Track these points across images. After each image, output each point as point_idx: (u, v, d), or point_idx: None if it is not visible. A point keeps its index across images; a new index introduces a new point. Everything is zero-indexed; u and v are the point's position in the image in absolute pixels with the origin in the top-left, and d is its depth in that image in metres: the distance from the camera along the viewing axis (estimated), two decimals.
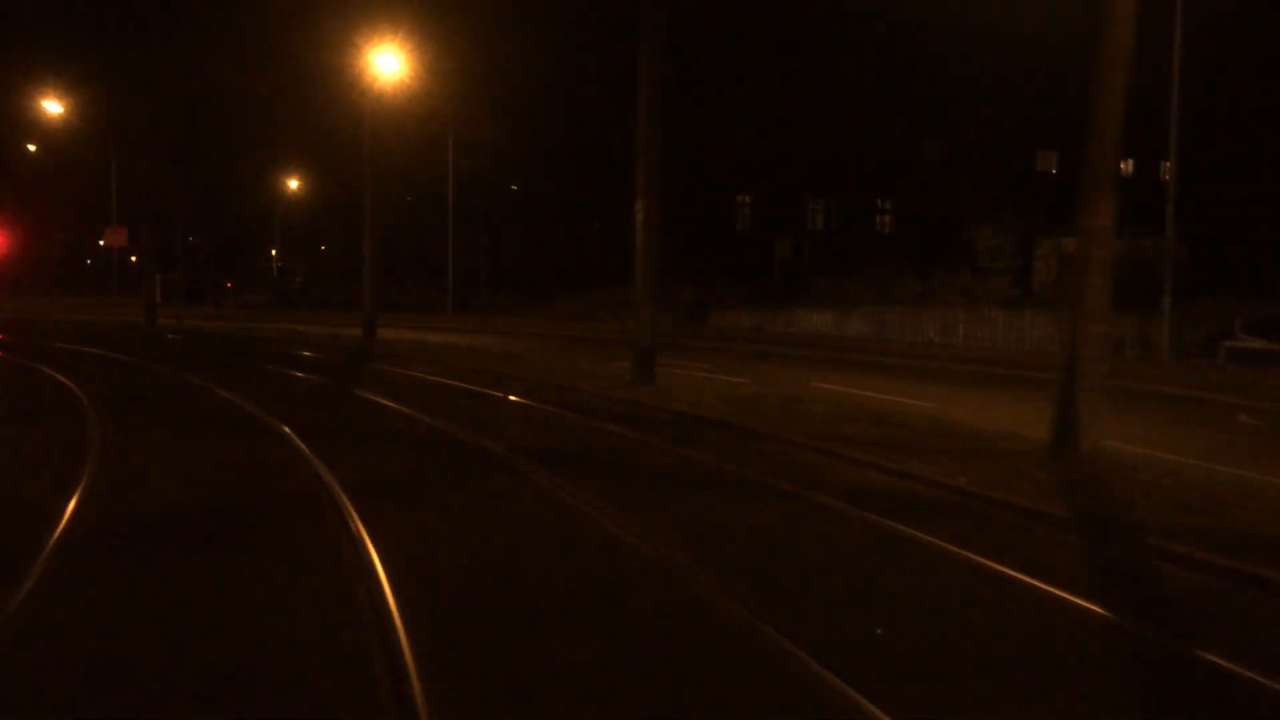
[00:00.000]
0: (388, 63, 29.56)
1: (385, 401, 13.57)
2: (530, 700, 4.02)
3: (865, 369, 20.37)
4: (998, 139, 48.33)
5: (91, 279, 76.03)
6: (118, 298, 58.09)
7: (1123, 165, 61.74)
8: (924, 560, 6.24)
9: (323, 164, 65.71)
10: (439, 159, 47.19)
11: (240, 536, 6.65)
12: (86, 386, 14.83)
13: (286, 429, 10.81)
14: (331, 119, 49.16)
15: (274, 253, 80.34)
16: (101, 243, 74.13)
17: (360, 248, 29.61)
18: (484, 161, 47.79)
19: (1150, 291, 22.97)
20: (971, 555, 6.18)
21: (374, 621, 4.80)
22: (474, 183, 49.70)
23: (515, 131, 48.05)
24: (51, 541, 6.13)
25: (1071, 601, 5.32)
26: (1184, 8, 21.14)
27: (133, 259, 75.28)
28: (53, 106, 44.97)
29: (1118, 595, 5.59)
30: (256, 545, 6.45)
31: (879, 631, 4.86)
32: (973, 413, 12.67)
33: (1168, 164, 23.29)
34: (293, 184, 72.30)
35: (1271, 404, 15.01)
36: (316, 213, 74.44)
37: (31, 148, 59.68)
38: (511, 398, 14.15)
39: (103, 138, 47.94)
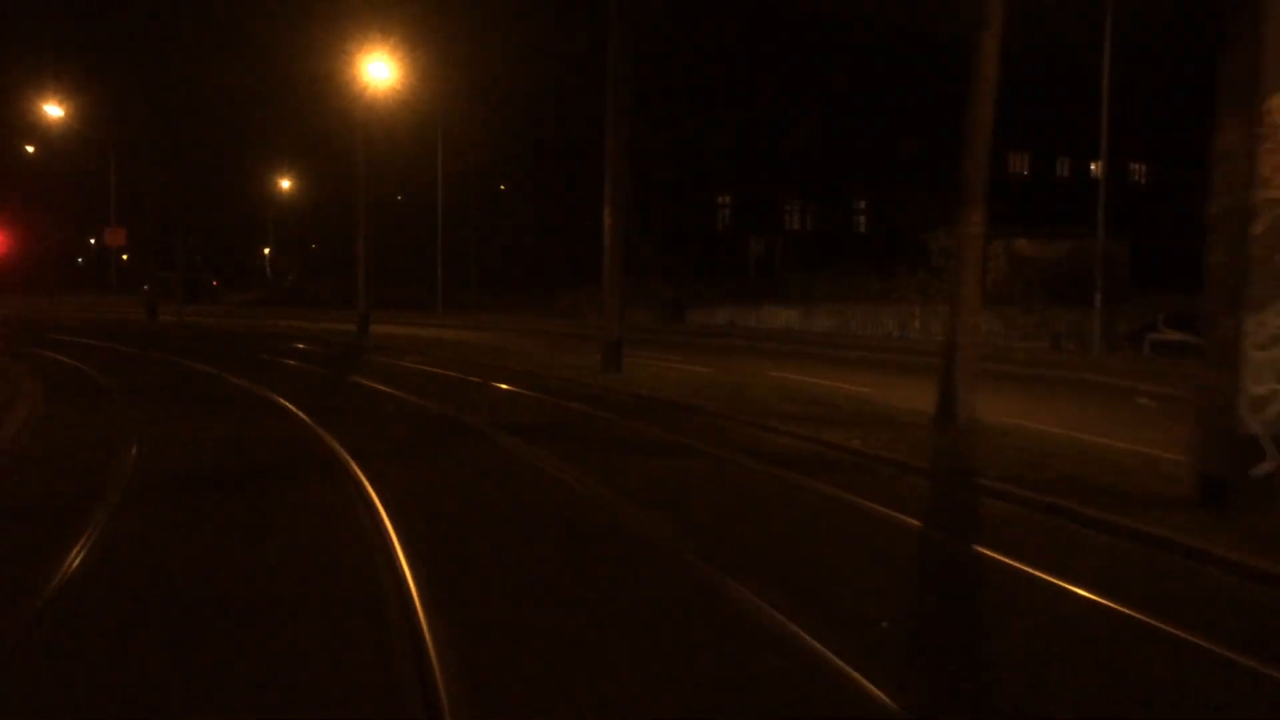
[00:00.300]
0: (379, 70, 31.15)
1: (380, 386, 15.25)
2: (494, 583, 5.71)
3: (821, 360, 22.09)
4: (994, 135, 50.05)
5: (85, 278, 77.36)
6: (116, 296, 59.50)
7: (1059, 166, 62.67)
8: (809, 499, 7.95)
9: (315, 164, 67.21)
10: (429, 161, 48.77)
11: (266, 482, 8.34)
12: (108, 376, 16.47)
13: (294, 408, 12.49)
14: (324, 121, 50.71)
15: (267, 251, 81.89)
16: (93, 241, 75.29)
17: (351, 246, 31.20)
18: (473, 164, 49.31)
19: (1091, 288, 24.75)
20: (846, 494, 7.90)
21: (374, 531, 6.49)
22: (463, 184, 51.25)
23: (503, 134, 49.65)
24: (120, 489, 7.81)
25: (900, 519, 7.05)
26: (1114, 14, 22.87)
27: (124, 257, 76.73)
28: (54, 110, 46.44)
29: (936, 516, 7.32)
30: (279, 487, 8.14)
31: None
32: (899, 395, 14.38)
33: (1116, 165, 25.06)
34: (285, 184, 73.82)
35: (1174, 389, 16.78)
36: (308, 212, 75.98)
37: (30, 149, 61.04)
38: (493, 384, 15.83)
39: (103, 140, 49.31)
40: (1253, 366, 7.04)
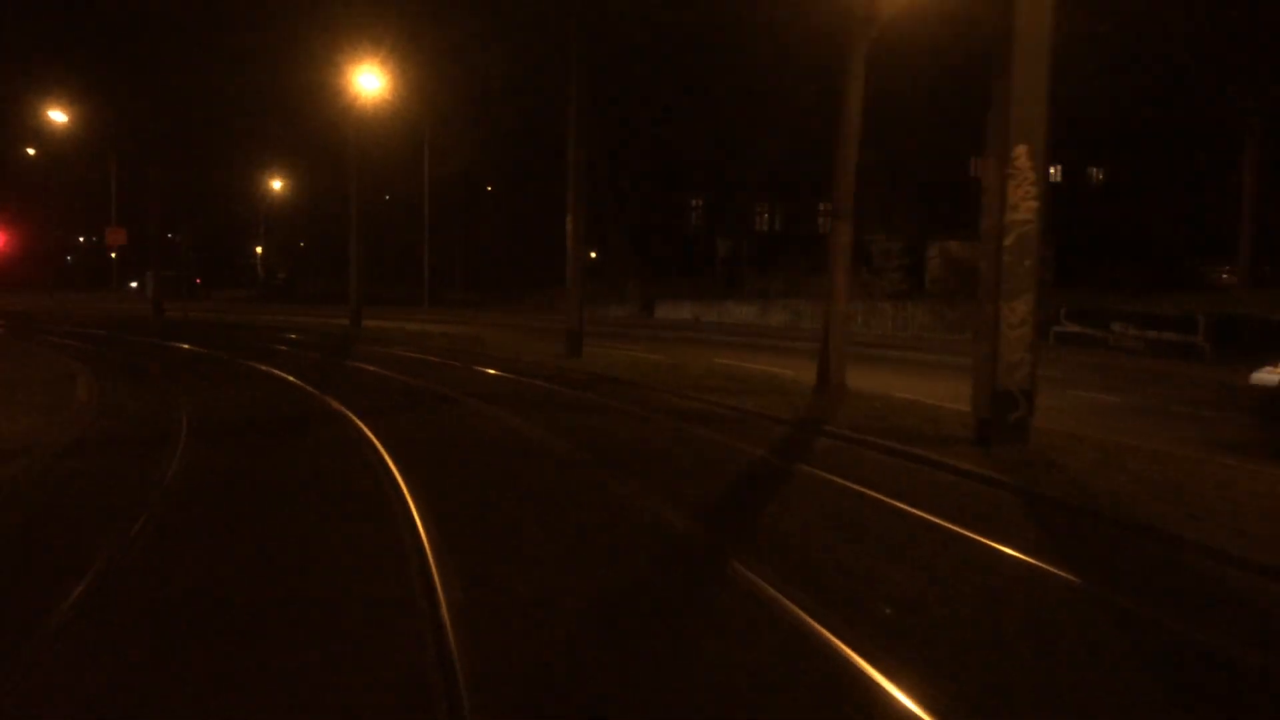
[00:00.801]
0: (369, 81, 33.74)
1: (371, 368, 17.90)
2: (456, 480, 8.37)
3: (763, 349, 24.81)
4: (930, 147, 53.00)
5: (75, 275, 79.57)
6: (116, 293, 61.84)
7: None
8: (699, 443, 10.63)
9: (306, 166, 69.61)
10: (415, 166, 51.31)
11: (289, 429, 10.99)
12: (138, 360, 19.05)
13: (302, 383, 15.13)
14: (316, 125, 53.09)
15: (259, 250, 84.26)
16: (81, 239, 77.41)
17: (341, 246, 33.72)
18: (456, 171, 51.83)
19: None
20: (719, 437, 10.60)
21: (374, 454, 9.15)
22: (447, 190, 53.80)
23: (483, 146, 52.19)
24: (183, 433, 10.45)
25: (751, 450, 9.77)
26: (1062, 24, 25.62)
27: (112, 255, 78.99)
28: (57, 116, 48.82)
29: (778, 448, 10.04)
30: (301, 431, 10.79)
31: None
32: (811, 375, 17.10)
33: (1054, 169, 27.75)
34: (276, 185, 76.16)
35: (1057, 371, 19.57)
36: (300, 212, 78.40)
37: (31, 151, 63.25)
38: (470, 366, 18.50)
39: (104, 144, 51.65)
40: (1007, 342, 9.80)
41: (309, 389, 14.54)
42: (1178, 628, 5.06)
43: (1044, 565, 6.06)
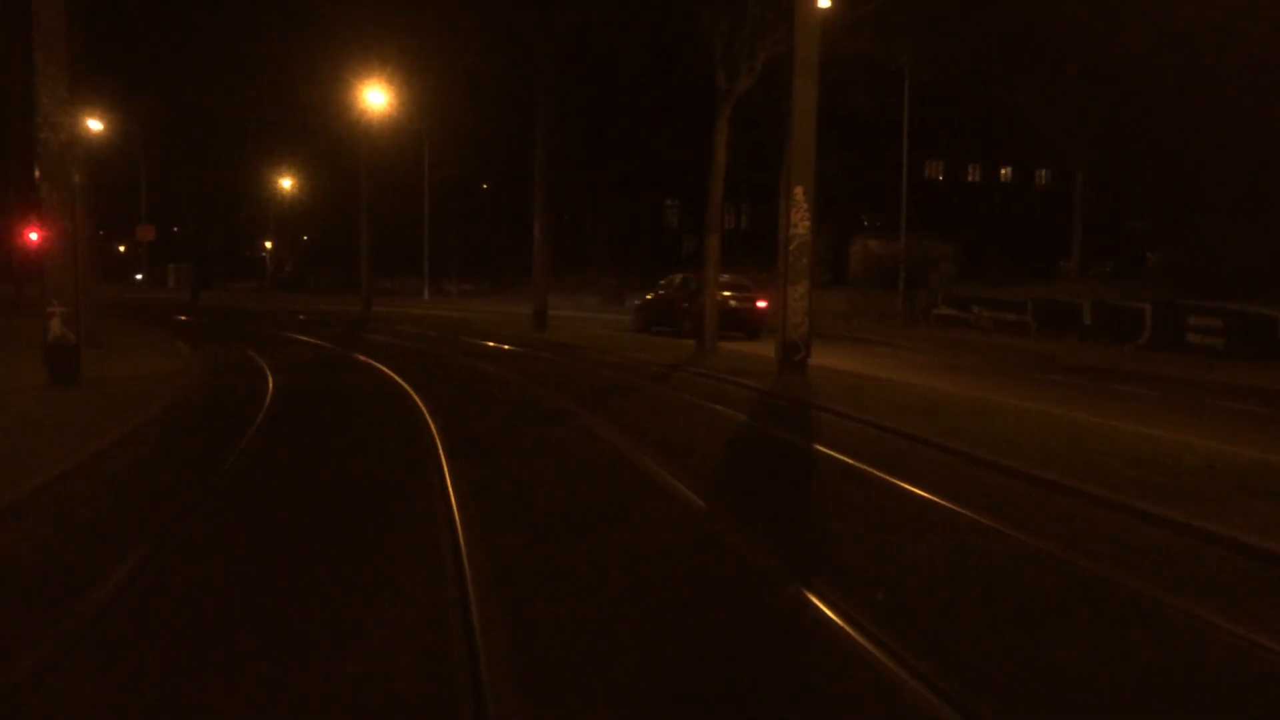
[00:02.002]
0: (376, 96, 39.41)
1: (383, 338, 23.58)
2: (453, 399, 14.03)
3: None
4: (886, 152, 58.61)
5: (102, 268, 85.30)
6: (132, 285, 67.44)
7: (927, 169, 68.01)
8: (600, 376, 16.27)
9: (314, 168, 75.13)
10: (417, 166, 56.89)
11: (335, 370, 16.66)
12: (206, 330, 24.68)
13: (333, 345, 20.81)
14: (325, 131, 58.58)
15: (269, 245, 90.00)
16: (102, 233, 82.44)
17: (345, 240, 39.25)
18: (453, 173, 57.39)
19: (921, 276, 33.21)
20: (618, 374, 16.26)
21: (394, 380, 14.84)
22: (447, 187, 59.39)
23: (483, 145, 57.70)
24: (268, 371, 16.14)
25: (633, 379, 15.46)
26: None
27: (120, 249, 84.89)
28: (94, 125, 54.41)
29: (652, 379, 15.71)
30: (343, 369, 16.47)
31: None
32: (734, 350, 22.67)
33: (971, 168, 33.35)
34: (286, 184, 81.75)
35: (917, 344, 25.25)
36: (306, 210, 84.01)
37: None
38: (460, 338, 24.20)
39: (136, 150, 57.19)
40: (792, 311, 15.47)
41: (341, 349, 20.24)
42: (824, 452, 10.74)
43: (757, 424, 11.73)
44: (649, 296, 27.42)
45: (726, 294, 23.80)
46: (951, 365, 19.93)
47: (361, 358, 18.49)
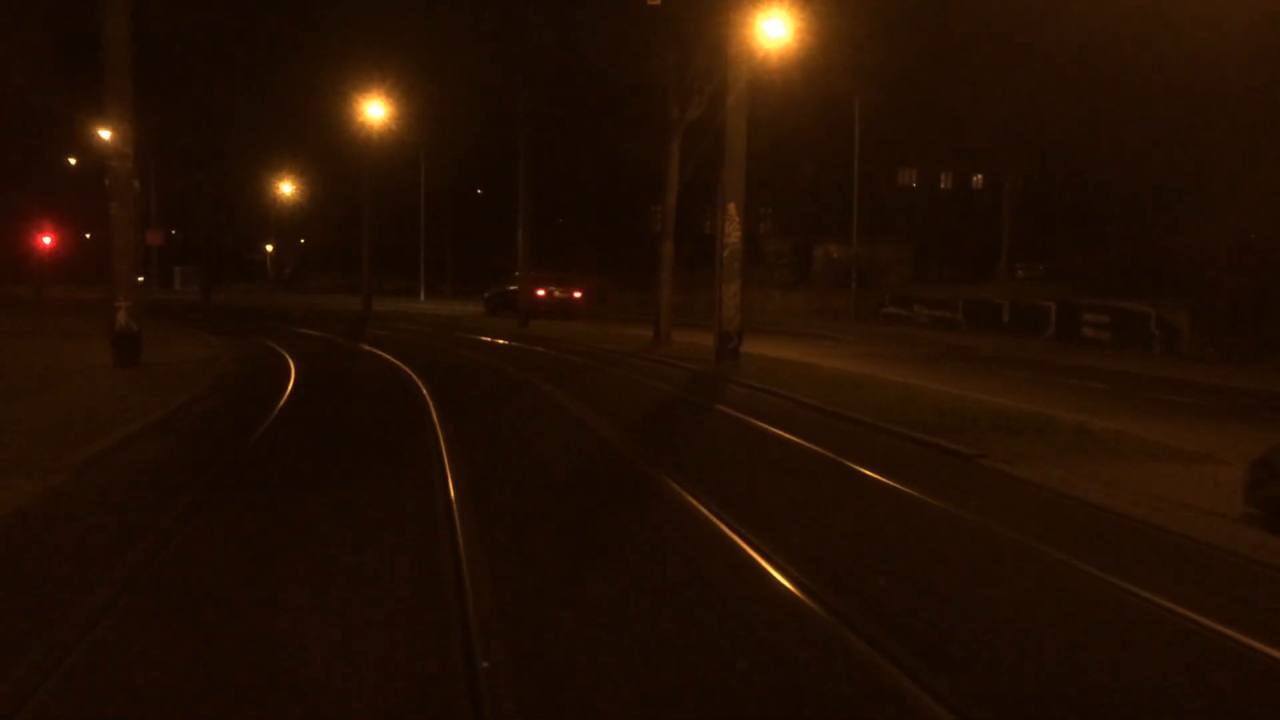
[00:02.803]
0: (375, 109, 42.53)
1: (385, 333, 26.73)
2: (440, 374, 17.19)
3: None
4: (885, 154, 61.83)
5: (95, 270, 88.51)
6: (149, 286, 70.42)
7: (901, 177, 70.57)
8: (568, 361, 19.43)
9: (313, 175, 78.19)
10: (415, 174, 60.01)
11: (345, 356, 19.80)
12: (226, 324, 27.83)
13: (343, 339, 23.97)
14: (324, 140, 61.62)
15: (269, 248, 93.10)
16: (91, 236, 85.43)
17: (343, 244, 42.30)
18: (447, 181, 60.46)
19: (875, 278, 36.42)
20: (584, 359, 19.43)
21: (396, 368, 18.00)
22: (443, 195, 62.47)
23: (475, 156, 60.78)
24: (289, 358, 19.29)
25: (594, 364, 18.63)
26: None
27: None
28: (104, 134, 57.48)
29: (607, 362, 18.87)
30: (351, 358, 19.62)
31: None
32: (686, 341, 25.86)
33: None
34: (287, 189, 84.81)
35: (858, 338, 28.43)
36: (305, 214, 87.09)
37: (73, 161, 71.87)
38: (452, 333, 27.36)
39: (146, 158, 60.28)
40: (726, 307, 18.65)
41: (348, 340, 23.40)
42: (721, 409, 13.91)
43: (680, 393, 14.89)
44: (496, 290, 38.29)
45: (552, 287, 34.16)
46: (874, 354, 23.10)
47: (367, 347, 21.65)
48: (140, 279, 66.51)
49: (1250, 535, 6.41)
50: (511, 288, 34.53)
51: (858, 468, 8.58)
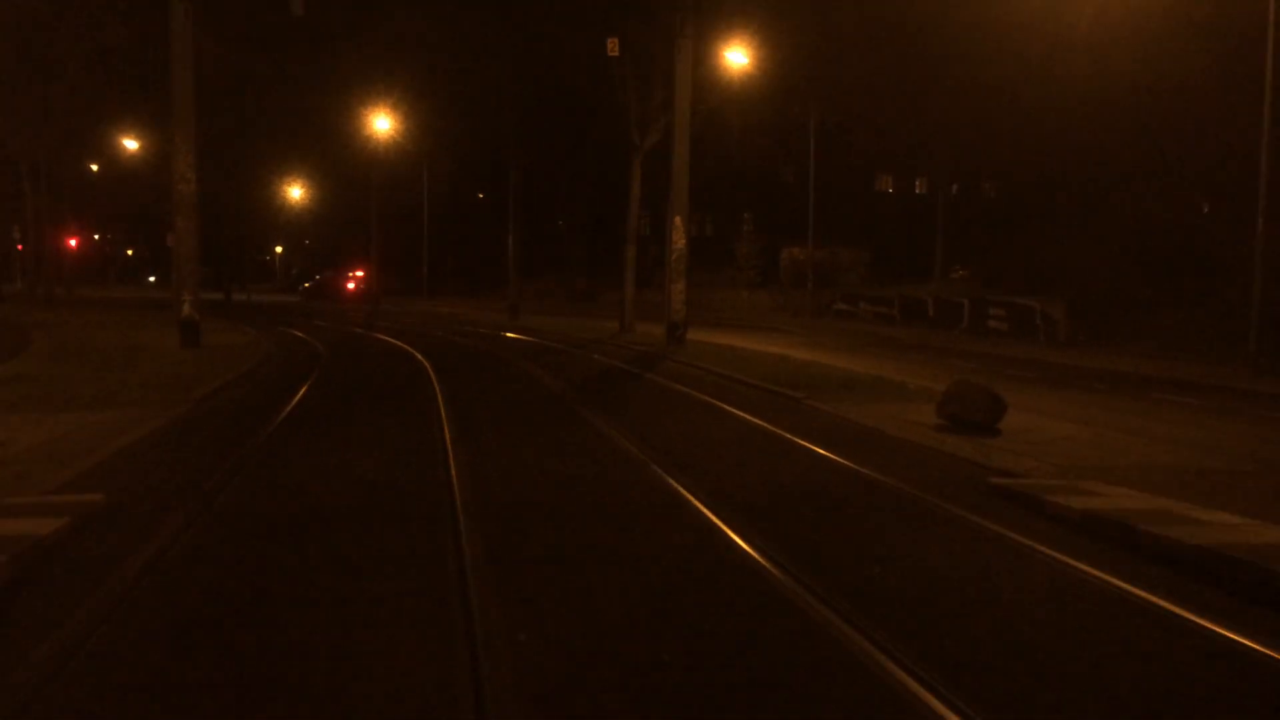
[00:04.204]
0: (382, 122, 46.58)
1: (393, 325, 30.81)
2: (446, 357, 21.22)
3: (648, 319, 37.65)
4: (841, 165, 65.80)
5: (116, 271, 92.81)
6: (159, 286, 74.43)
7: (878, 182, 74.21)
8: (546, 347, 23.47)
9: (321, 179, 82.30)
10: (418, 181, 64.06)
11: (359, 341, 23.87)
12: (252, 320, 31.93)
13: (359, 330, 28.05)
14: (336, 145, 65.65)
15: (279, 250, 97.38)
16: (104, 237, 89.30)
17: (351, 246, 46.26)
18: (448, 187, 64.51)
19: (832, 278, 40.37)
20: (559, 345, 23.48)
21: (404, 351, 22.06)
22: (444, 199, 66.52)
23: (474, 165, 64.83)
24: (319, 344, 23.35)
25: (564, 348, 22.70)
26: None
27: (129, 252, 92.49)
28: (130, 144, 61.63)
29: (575, 346, 22.93)
30: (365, 341, 23.70)
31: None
32: (647, 331, 29.87)
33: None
34: (296, 193, 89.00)
35: (807, 331, 32.43)
36: (317, 216, 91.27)
37: (94, 168, 76.00)
38: (450, 327, 31.42)
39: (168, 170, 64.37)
40: (673, 302, 22.70)
41: (368, 333, 27.48)
42: (651, 377, 17.97)
43: (626, 367, 18.91)
44: (312, 283, 46.88)
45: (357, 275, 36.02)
46: (813, 343, 27.09)
47: (378, 335, 25.70)
48: (151, 279, 70.46)
49: (933, 435, 10.43)
50: (317, 278, 45.22)
51: (723, 405, 12.62)
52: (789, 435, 10.42)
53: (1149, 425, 12.07)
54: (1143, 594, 5.29)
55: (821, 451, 9.48)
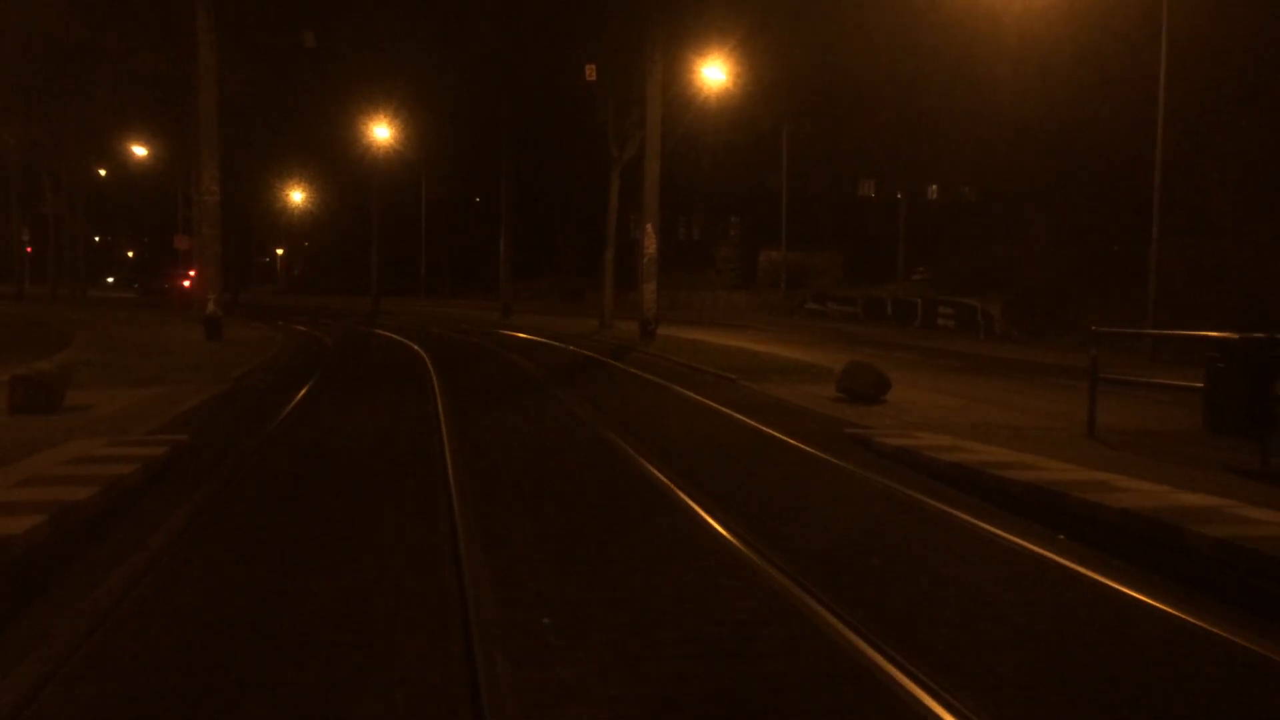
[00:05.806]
0: (381, 131, 49.11)
1: (393, 323, 33.35)
2: (442, 349, 23.76)
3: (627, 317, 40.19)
4: (823, 172, 68.40)
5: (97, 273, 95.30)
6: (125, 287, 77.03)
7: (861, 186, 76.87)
8: (533, 342, 26.03)
9: (324, 181, 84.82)
10: (416, 186, 66.60)
11: (364, 337, 26.42)
12: (265, 319, 34.48)
13: (364, 328, 30.60)
14: (337, 149, 68.15)
15: (280, 251, 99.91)
16: (105, 241, 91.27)
17: (350, 248, 48.83)
18: (445, 193, 67.03)
19: (806, 280, 42.92)
20: (545, 339, 26.03)
21: (405, 345, 24.61)
22: (441, 203, 69.04)
23: (469, 170, 67.35)
24: (330, 339, 25.89)
25: (549, 341, 25.26)
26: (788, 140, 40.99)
27: (129, 254, 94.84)
28: (139, 150, 64.11)
29: (559, 340, 25.50)
30: (370, 338, 26.24)
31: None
32: (625, 328, 32.39)
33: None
34: (297, 196, 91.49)
35: (776, 328, 34.98)
36: (317, 219, 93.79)
37: (102, 172, 78.45)
38: (447, 325, 33.96)
39: (173, 168, 66.93)
40: (645, 301, 25.26)
41: (365, 327, 30.02)
42: (618, 365, 20.53)
43: (597, 356, 21.46)
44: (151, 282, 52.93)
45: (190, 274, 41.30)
46: (779, 339, 29.62)
47: (380, 331, 28.24)
48: (110, 279, 73.03)
49: (828, 404, 12.97)
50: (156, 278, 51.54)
51: (671, 385, 15.17)
52: (713, 404, 12.98)
53: (1020, 400, 14.62)
54: (916, 495, 7.82)
55: (733, 414, 12.04)
